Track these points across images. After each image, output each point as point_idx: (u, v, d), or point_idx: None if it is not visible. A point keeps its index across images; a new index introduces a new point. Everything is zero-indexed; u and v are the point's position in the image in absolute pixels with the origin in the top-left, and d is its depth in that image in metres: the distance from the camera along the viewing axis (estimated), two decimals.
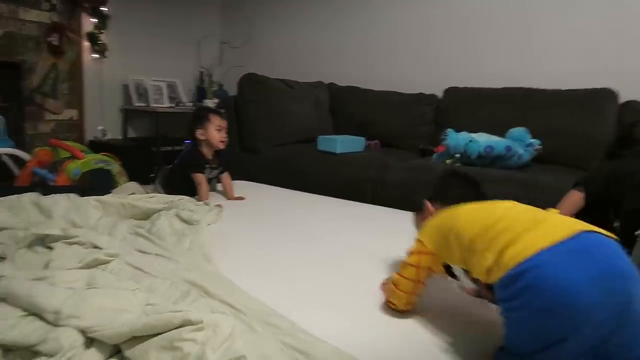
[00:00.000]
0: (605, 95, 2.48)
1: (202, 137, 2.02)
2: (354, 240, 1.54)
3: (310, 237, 1.55)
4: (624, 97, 2.44)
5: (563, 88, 2.59)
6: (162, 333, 0.78)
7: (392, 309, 1.03)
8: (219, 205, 1.85)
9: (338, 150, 2.67)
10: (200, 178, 1.98)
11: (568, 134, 2.44)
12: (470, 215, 0.92)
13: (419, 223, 1.14)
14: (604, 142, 2.41)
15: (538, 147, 2.33)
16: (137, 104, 3.67)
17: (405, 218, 1.85)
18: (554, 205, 1.94)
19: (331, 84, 3.43)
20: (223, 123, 2.04)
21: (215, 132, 2.01)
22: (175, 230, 1.46)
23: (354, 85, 3.36)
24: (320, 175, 2.58)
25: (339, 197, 2.19)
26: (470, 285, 1.06)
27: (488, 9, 3.02)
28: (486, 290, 0.93)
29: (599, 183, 1.56)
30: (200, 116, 2.04)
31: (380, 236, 1.59)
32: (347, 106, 3.26)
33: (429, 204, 1.15)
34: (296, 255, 1.38)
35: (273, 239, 1.52)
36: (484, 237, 0.84)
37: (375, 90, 3.24)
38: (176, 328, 0.77)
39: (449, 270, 1.03)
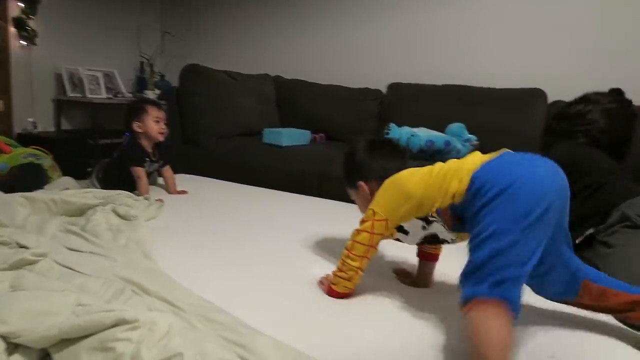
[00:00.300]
0: (535, 95, 2.63)
1: (139, 130, 1.94)
2: (299, 233, 1.55)
3: (255, 232, 1.54)
4: (551, 97, 2.61)
5: (498, 87, 2.73)
6: (94, 334, 0.75)
7: (336, 292, 1.08)
8: (159, 200, 1.80)
9: (284, 143, 2.67)
10: (140, 172, 1.91)
11: (501, 131, 2.57)
12: (413, 176, 1.02)
13: (363, 204, 1.18)
14: (533, 139, 2.57)
15: (475, 142, 2.44)
16: (72, 94, 3.47)
17: (349, 210, 1.90)
18: None
19: (277, 76, 3.41)
20: (161, 114, 1.97)
21: (153, 124, 1.94)
22: (112, 227, 1.40)
23: (300, 78, 3.36)
24: (266, 168, 2.57)
25: (285, 190, 2.19)
26: (415, 241, 1.12)
27: (432, 8, 3.12)
28: (451, 220, 0.98)
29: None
30: (136, 108, 1.97)
31: (326, 229, 1.61)
32: (293, 99, 3.26)
33: (363, 185, 1.18)
34: (240, 250, 1.37)
35: (216, 234, 1.50)
36: (437, 179, 0.97)
37: (321, 84, 3.26)
38: (109, 328, 0.75)
39: (400, 229, 1.10)
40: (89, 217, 1.44)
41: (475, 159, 0.95)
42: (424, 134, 2.39)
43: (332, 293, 1.09)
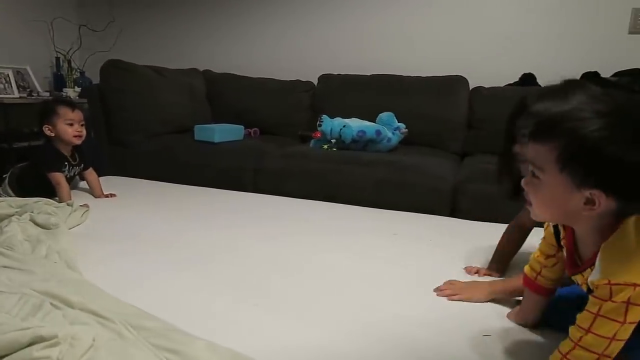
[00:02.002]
0: (459, 82, 2.76)
1: (51, 134, 1.79)
2: (234, 230, 1.53)
3: (188, 232, 1.50)
4: (472, 83, 2.75)
5: (423, 75, 2.83)
6: (10, 354, 0.70)
7: None
8: (84, 205, 1.70)
9: (216, 140, 2.61)
10: (58, 177, 1.78)
11: (428, 117, 2.68)
12: None
13: (548, 211, 0.77)
14: (459, 123, 2.71)
15: (404, 130, 2.52)
16: None
17: (284, 204, 1.91)
18: (416, 183, 2.13)
19: (206, 71, 3.32)
20: (75, 115, 1.81)
21: (65, 127, 1.79)
22: (29, 237, 1.31)
23: (230, 72, 3.29)
24: (199, 166, 2.50)
25: (219, 188, 2.15)
26: None
27: (359, 2, 3.16)
28: None
29: None
30: (46, 110, 1.81)
31: (260, 224, 1.60)
32: (224, 94, 3.19)
33: (601, 198, 0.68)
34: (172, 253, 1.33)
35: (146, 237, 1.44)
36: None
37: (252, 77, 3.22)
38: (25, 347, 0.70)
39: None
40: (3, 229, 1.34)
41: None
42: (355, 125, 2.43)
43: None
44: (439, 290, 1.10)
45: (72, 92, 3.50)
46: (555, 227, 0.88)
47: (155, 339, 0.84)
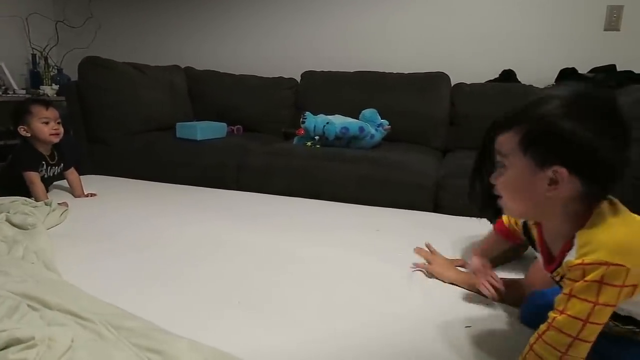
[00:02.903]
0: (440, 79, 2.78)
1: (26, 134, 1.76)
2: (215, 229, 1.51)
3: (169, 231, 1.48)
4: (454, 80, 2.77)
5: (406, 72, 2.85)
6: None
7: None
8: (63, 204, 1.67)
9: (199, 137, 2.58)
10: (32, 176, 1.74)
11: (411, 114, 2.69)
12: None
13: (518, 199, 0.77)
14: (441, 120, 2.73)
15: (387, 127, 2.53)
16: None
17: (266, 201, 1.90)
18: (400, 179, 2.14)
19: (188, 68, 3.28)
20: (50, 113, 1.77)
21: (41, 126, 1.75)
22: (6, 238, 1.28)
23: (212, 69, 3.26)
24: (181, 164, 2.47)
25: (202, 186, 2.13)
26: None
27: None
28: None
29: None
30: (19, 110, 1.77)
31: (243, 222, 1.59)
32: (206, 91, 3.16)
33: (563, 173, 0.70)
34: (153, 252, 1.31)
35: (126, 237, 1.42)
36: None
37: (235, 74, 3.19)
38: (1, 350, 0.68)
39: None
40: None
41: None
42: (338, 121, 2.43)
43: None
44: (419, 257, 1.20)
45: (49, 90, 3.43)
46: (524, 224, 0.90)
47: (136, 338, 0.83)
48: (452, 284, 1.13)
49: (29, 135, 1.76)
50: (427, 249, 1.26)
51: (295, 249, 1.36)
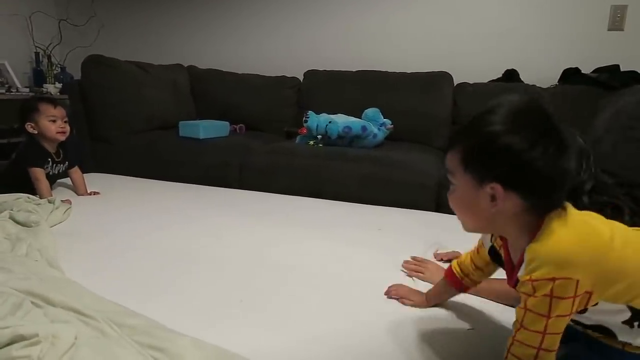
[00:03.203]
0: (443, 78, 2.78)
1: (33, 131, 1.78)
2: (218, 227, 1.52)
3: (172, 229, 1.48)
4: (457, 79, 2.77)
5: (408, 71, 2.84)
6: None
7: None
8: (66, 201, 1.68)
9: (202, 136, 2.59)
10: (37, 173, 1.75)
11: (413, 113, 2.69)
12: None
13: (472, 221, 0.79)
14: (444, 119, 2.73)
15: (390, 126, 2.53)
16: None
17: (268, 199, 1.91)
18: (402, 178, 2.15)
19: (191, 66, 3.28)
20: (57, 112, 1.80)
21: (48, 123, 1.77)
22: (9, 235, 1.29)
23: (215, 68, 3.27)
24: (183, 162, 2.48)
25: (205, 184, 2.13)
26: None
27: None
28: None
29: None
30: (27, 108, 1.79)
31: (246, 221, 1.60)
32: (209, 90, 3.16)
33: (499, 191, 0.70)
34: (155, 250, 1.31)
35: (129, 235, 1.42)
36: None
37: (237, 73, 3.19)
38: (4, 346, 0.68)
39: None
40: None
41: None
42: (341, 121, 2.43)
43: None
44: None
45: (52, 88, 3.44)
46: (492, 247, 0.89)
47: (139, 336, 0.83)
48: None
49: (36, 132, 1.78)
50: (414, 262, 1.23)
51: (297, 248, 1.36)
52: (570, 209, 0.72)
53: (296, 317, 0.98)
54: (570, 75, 2.60)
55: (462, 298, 1.07)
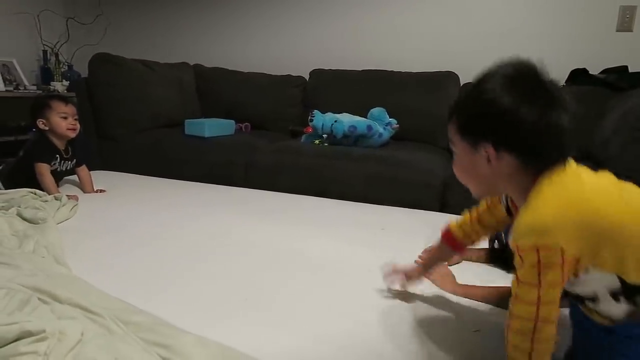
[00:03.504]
0: (449, 78, 2.77)
1: (44, 127, 1.81)
2: (223, 225, 1.52)
3: (177, 227, 1.49)
4: (463, 79, 2.76)
5: (414, 71, 2.84)
6: None
7: None
8: (73, 197, 1.69)
9: (207, 134, 2.59)
10: (42, 168, 1.78)
11: (419, 113, 2.68)
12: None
13: (475, 174, 0.78)
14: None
15: (395, 125, 2.52)
16: None
17: (273, 198, 1.91)
18: (407, 178, 2.14)
19: (197, 65, 3.29)
20: (69, 109, 1.84)
21: (59, 120, 1.81)
22: (16, 232, 1.30)
23: (221, 66, 3.27)
24: (189, 160, 2.49)
25: (210, 183, 2.14)
26: None
27: None
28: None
29: None
30: (39, 104, 1.83)
31: (250, 220, 1.60)
32: (214, 89, 3.17)
33: (489, 149, 0.72)
34: (161, 247, 1.32)
35: (135, 232, 1.43)
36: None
37: (243, 71, 3.20)
38: (12, 342, 0.69)
39: None
40: None
41: None
42: (347, 120, 2.43)
43: None
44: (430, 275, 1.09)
45: (60, 86, 3.46)
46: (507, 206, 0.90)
47: (144, 333, 0.84)
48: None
49: (47, 128, 1.81)
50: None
51: (301, 246, 1.36)
52: (570, 168, 0.72)
53: (300, 316, 0.98)
54: (578, 76, 2.58)
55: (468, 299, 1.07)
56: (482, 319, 1.00)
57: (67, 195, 1.66)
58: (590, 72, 2.57)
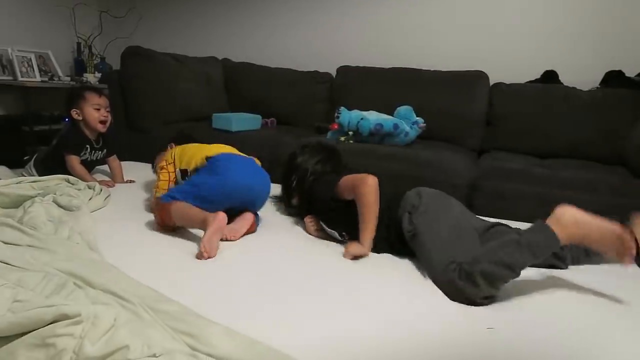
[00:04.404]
0: (479, 77, 2.72)
1: (78, 117, 1.88)
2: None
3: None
4: (493, 79, 2.71)
5: (443, 69, 2.80)
6: (33, 331, 0.72)
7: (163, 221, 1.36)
8: (107, 183, 1.77)
9: (234, 128, 2.62)
10: (72, 160, 1.85)
11: (447, 112, 2.65)
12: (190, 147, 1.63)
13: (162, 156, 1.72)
14: (478, 119, 2.68)
15: (422, 124, 2.50)
16: (1, 77, 3.23)
17: None
18: (432, 178, 2.13)
19: (225, 59, 3.33)
20: (102, 101, 1.90)
21: (92, 111, 1.87)
22: (52, 218, 1.34)
23: (248, 61, 3.30)
24: None
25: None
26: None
27: None
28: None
29: None
30: (74, 95, 1.90)
31: (275, 215, 1.62)
32: (242, 83, 3.19)
33: (172, 144, 1.77)
34: (190, 239, 1.35)
35: None
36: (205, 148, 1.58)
37: (270, 67, 3.22)
38: (49, 324, 0.72)
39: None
40: (26, 209, 1.37)
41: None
42: (373, 118, 2.42)
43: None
44: None
45: (92, 78, 3.55)
46: None
47: (172, 322, 0.86)
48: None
49: (80, 118, 1.88)
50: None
51: (327, 244, 1.37)
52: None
53: (325, 311, 0.99)
54: (613, 78, 2.51)
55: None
56: (495, 317, 0.99)
57: (100, 182, 1.72)
58: (626, 74, 2.50)
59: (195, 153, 1.55)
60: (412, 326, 0.95)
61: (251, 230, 1.42)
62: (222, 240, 1.28)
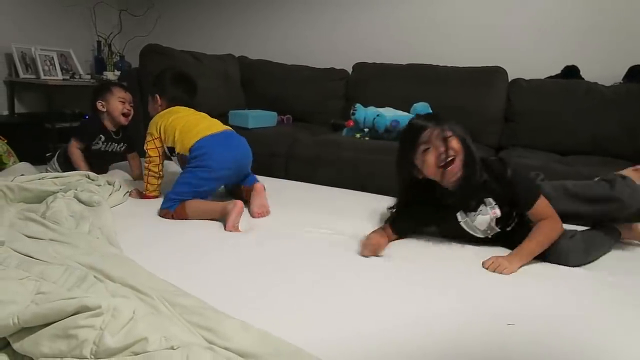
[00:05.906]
0: (497, 73, 2.69)
1: (102, 109, 1.97)
2: (268, 215, 1.56)
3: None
4: (511, 75, 2.67)
5: (460, 65, 2.77)
6: (55, 322, 0.74)
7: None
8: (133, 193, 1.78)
9: (250, 125, 2.64)
10: (73, 147, 1.94)
11: (464, 109, 2.62)
12: (179, 118, 1.65)
13: (151, 110, 1.77)
14: (496, 116, 2.64)
15: None
16: (25, 75, 3.31)
17: (314, 191, 1.93)
18: None
19: (242, 57, 3.35)
20: (127, 96, 2.01)
21: (117, 103, 1.97)
22: (74, 213, 1.38)
23: (265, 59, 3.31)
24: None
25: (252, 173, 2.17)
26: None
27: None
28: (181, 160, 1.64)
29: None
30: (102, 88, 2.02)
31: (292, 209, 1.62)
32: (258, 80, 3.21)
33: (158, 97, 1.74)
34: (207, 234, 1.36)
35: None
36: (186, 130, 1.60)
37: (287, 64, 3.23)
38: (71, 315, 0.74)
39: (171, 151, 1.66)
40: (49, 204, 1.40)
41: (205, 127, 1.65)
42: (389, 114, 2.41)
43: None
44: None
45: (111, 76, 3.60)
46: None
47: (189, 315, 0.87)
48: None
49: (104, 110, 1.97)
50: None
51: (343, 239, 1.37)
52: None
53: (342, 308, 0.99)
54: (637, 73, 2.45)
55: (503, 291, 1.06)
56: (516, 312, 0.99)
57: (128, 192, 1.74)
58: None
59: (179, 136, 1.61)
60: (429, 322, 0.94)
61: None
62: (259, 217, 1.52)
